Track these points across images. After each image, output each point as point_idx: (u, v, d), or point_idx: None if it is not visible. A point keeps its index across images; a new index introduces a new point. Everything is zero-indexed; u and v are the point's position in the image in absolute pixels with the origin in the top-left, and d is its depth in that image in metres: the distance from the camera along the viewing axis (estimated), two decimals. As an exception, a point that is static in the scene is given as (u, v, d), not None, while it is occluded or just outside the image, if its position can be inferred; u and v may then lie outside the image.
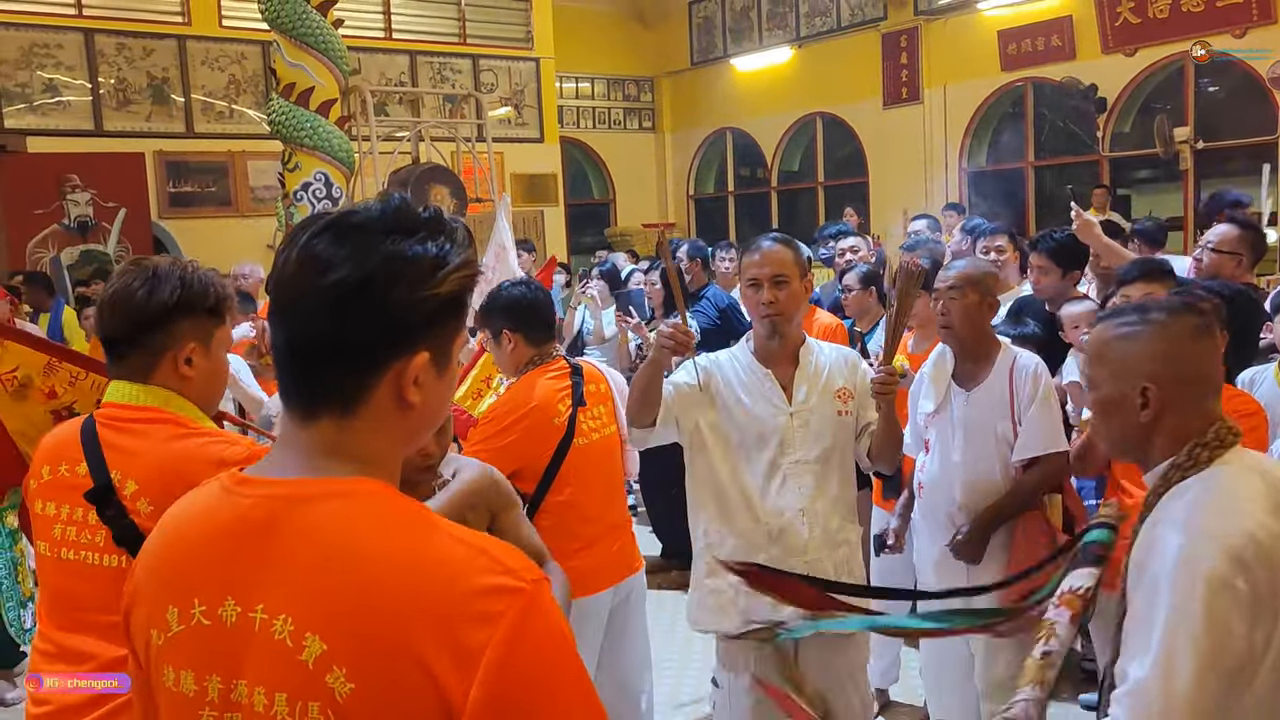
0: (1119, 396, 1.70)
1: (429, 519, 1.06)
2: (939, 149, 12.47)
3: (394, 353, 1.06)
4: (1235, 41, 9.83)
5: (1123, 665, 1.57)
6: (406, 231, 1.07)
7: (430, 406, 1.12)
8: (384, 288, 1.04)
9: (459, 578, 0.99)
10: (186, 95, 11.44)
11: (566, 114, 15.27)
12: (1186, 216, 10.46)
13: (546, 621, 1.00)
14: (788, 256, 2.79)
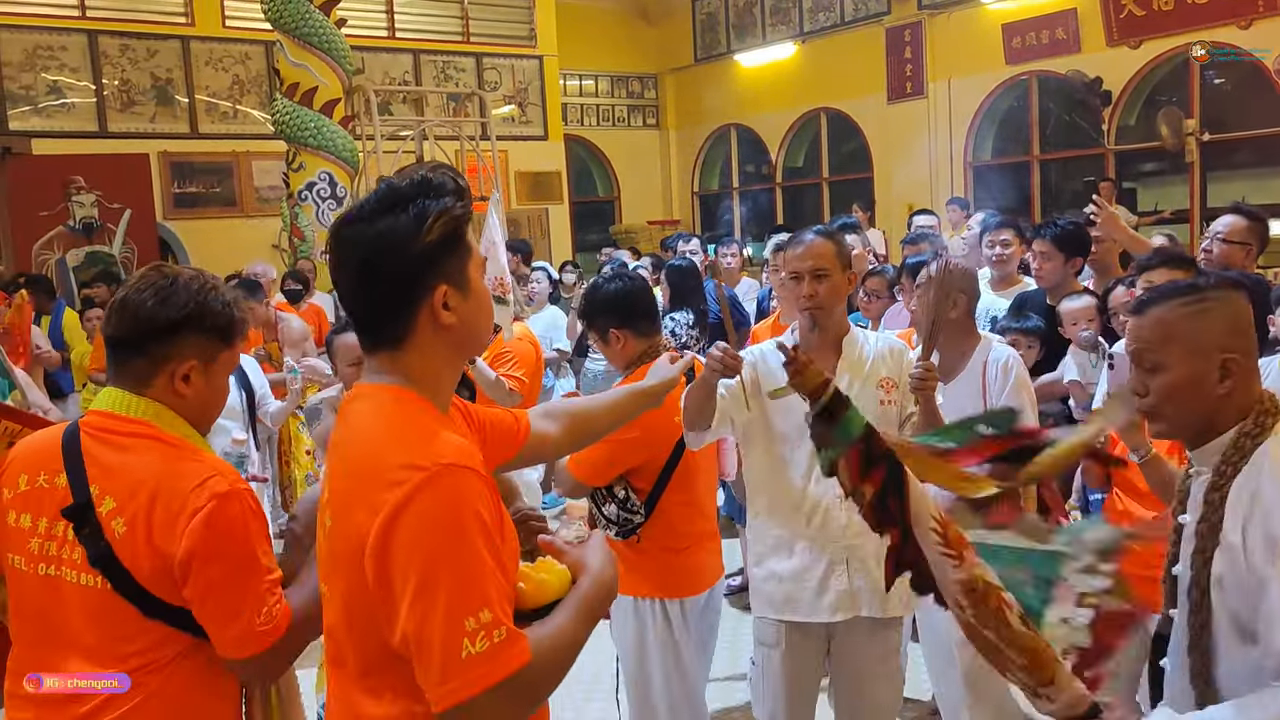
0: (1196, 373, 1.73)
1: (409, 416, 1.41)
2: (944, 143, 12.44)
3: (417, 296, 1.44)
4: (1240, 33, 9.78)
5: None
6: (389, 209, 1.42)
7: (468, 322, 1.49)
8: (383, 258, 1.42)
9: (392, 454, 1.34)
10: (190, 96, 11.46)
11: (570, 111, 15.26)
12: (1192, 209, 10.43)
13: (438, 496, 1.30)
14: (829, 249, 2.78)
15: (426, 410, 1.45)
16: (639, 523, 2.97)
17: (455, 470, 1.34)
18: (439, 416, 1.48)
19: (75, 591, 1.66)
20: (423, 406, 1.45)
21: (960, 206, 9.16)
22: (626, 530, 2.98)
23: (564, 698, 4.38)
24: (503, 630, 1.31)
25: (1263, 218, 4.02)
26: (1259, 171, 10.46)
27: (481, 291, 1.51)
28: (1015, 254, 4.78)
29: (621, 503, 2.97)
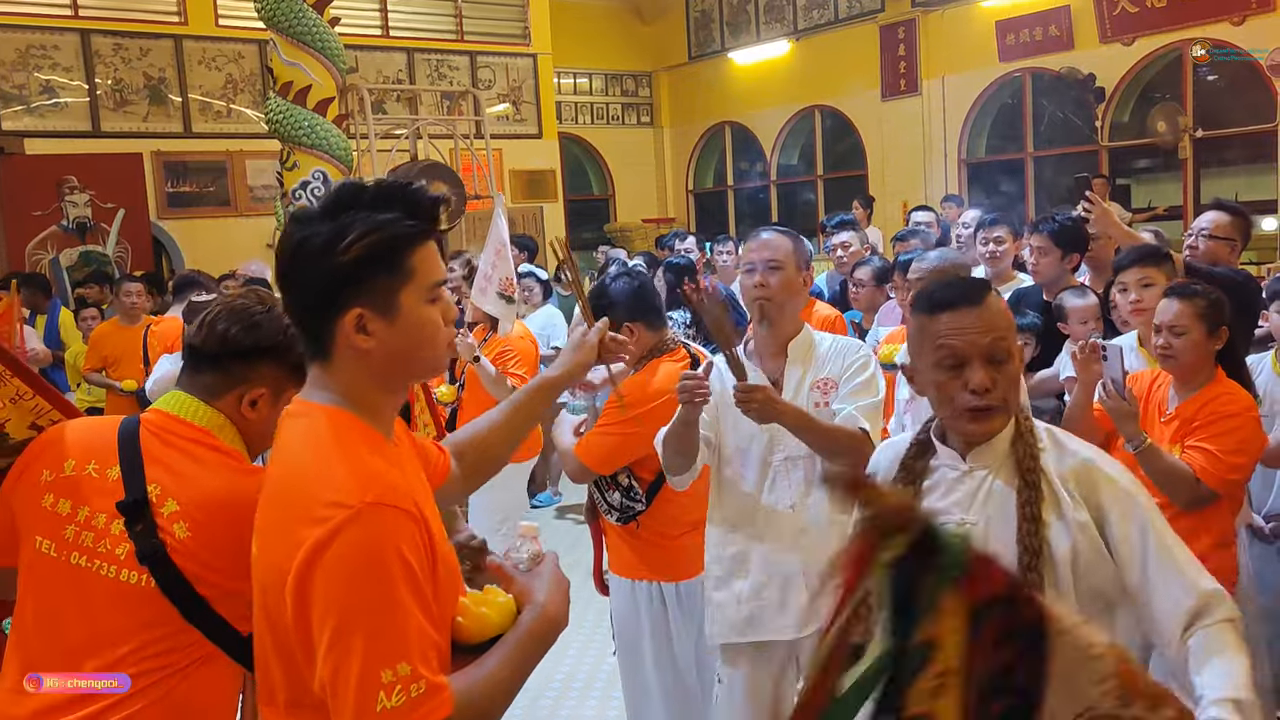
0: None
1: (340, 441, 1.34)
2: (938, 140, 12.46)
3: (330, 313, 1.36)
4: (1234, 30, 9.80)
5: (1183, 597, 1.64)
6: (326, 214, 1.36)
7: (392, 351, 1.39)
8: (298, 268, 1.37)
9: (318, 486, 1.28)
10: (184, 95, 11.43)
11: (565, 110, 15.26)
12: (1186, 206, 10.45)
13: (360, 538, 1.23)
14: (784, 245, 2.79)
15: (361, 434, 1.38)
16: (639, 510, 3.04)
17: (380, 510, 1.27)
18: (376, 441, 1.39)
19: (109, 586, 1.65)
20: (357, 429, 1.38)
21: (956, 204, 9.19)
22: (626, 517, 3.07)
23: (562, 694, 4.38)
24: (421, 684, 1.23)
25: (1245, 213, 4.06)
26: (1251, 168, 10.49)
27: (420, 321, 1.41)
28: (1009, 251, 4.78)
29: (625, 491, 3.05)
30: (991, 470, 1.78)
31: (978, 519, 1.77)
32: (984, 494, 1.78)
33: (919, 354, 1.81)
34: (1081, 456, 1.80)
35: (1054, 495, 1.75)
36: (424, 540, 1.31)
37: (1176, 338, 2.86)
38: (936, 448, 1.85)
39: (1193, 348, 2.84)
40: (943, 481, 1.82)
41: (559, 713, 4.25)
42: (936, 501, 1.80)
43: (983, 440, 1.79)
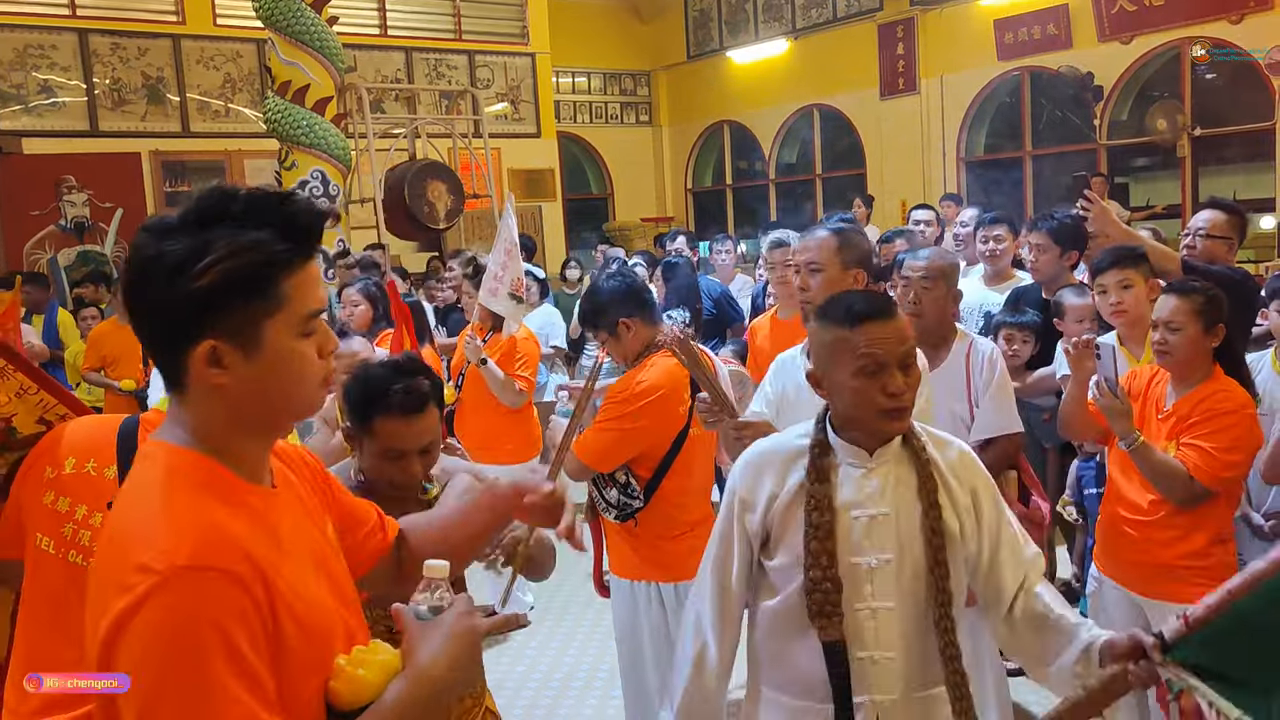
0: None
1: (170, 487, 1.17)
2: (936, 139, 12.46)
3: (179, 343, 1.19)
4: (1232, 29, 9.81)
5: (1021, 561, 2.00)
6: (189, 227, 1.17)
7: (252, 389, 1.21)
8: (145, 289, 1.19)
9: (132, 545, 1.12)
10: (182, 94, 11.43)
11: (563, 109, 15.25)
12: (1184, 204, 10.45)
13: (167, 610, 1.07)
14: (829, 245, 2.84)
15: (207, 479, 1.21)
16: (637, 508, 3.07)
17: (192, 575, 1.09)
18: (228, 488, 1.22)
19: None
20: (203, 474, 1.21)
21: (955, 203, 9.19)
22: (624, 514, 3.09)
23: (561, 691, 4.38)
24: None
25: (1240, 211, 4.07)
26: (1249, 166, 10.50)
27: (286, 356, 1.22)
28: (1009, 249, 4.79)
29: (623, 488, 3.07)
30: (891, 464, 1.96)
31: (889, 509, 1.93)
32: (890, 486, 1.95)
33: (835, 362, 1.92)
34: (958, 447, 2.06)
35: (944, 482, 1.97)
36: (258, 605, 1.13)
37: (1172, 334, 2.87)
38: (836, 447, 1.98)
39: (1187, 344, 2.86)
40: (849, 478, 1.96)
41: (557, 711, 4.25)
42: (849, 496, 1.94)
43: (893, 437, 1.97)
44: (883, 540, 1.92)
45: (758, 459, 2.06)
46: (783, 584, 1.97)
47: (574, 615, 5.32)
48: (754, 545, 2.01)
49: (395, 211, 9.80)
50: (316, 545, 1.33)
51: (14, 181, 9.48)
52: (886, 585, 1.91)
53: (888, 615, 1.91)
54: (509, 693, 4.40)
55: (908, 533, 1.92)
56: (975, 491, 2.00)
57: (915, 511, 1.93)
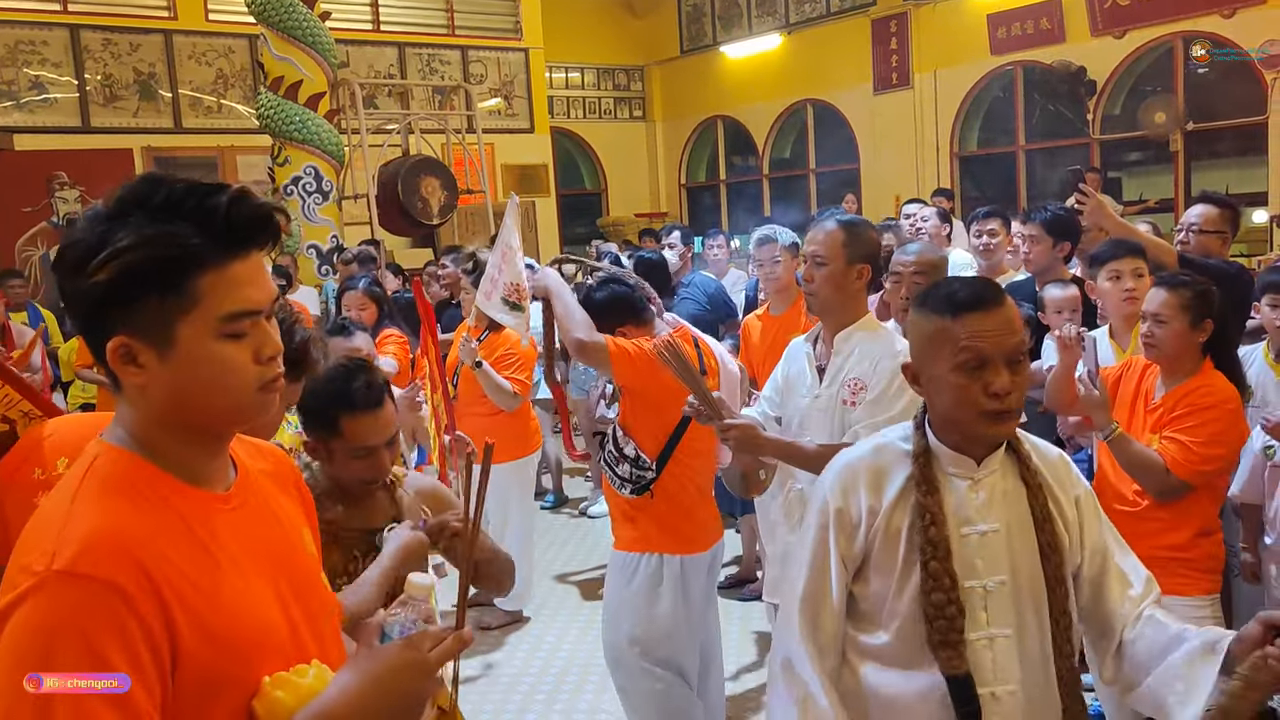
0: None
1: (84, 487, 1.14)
2: (930, 134, 12.47)
3: (95, 338, 1.15)
4: (1224, 23, 9.82)
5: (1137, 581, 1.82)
6: (104, 220, 1.13)
7: (174, 388, 1.16)
8: (59, 279, 1.15)
9: (27, 544, 1.11)
10: (174, 90, 11.39)
11: (557, 104, 15.24)
12: (1177, 199, 10.48)
13: (35, 615, 1.04)
14: (835, 239, 2.84)
15: (133, 479, 1.16)
16: (651, 478, 3.11)
17: (67, 581, 1.04)
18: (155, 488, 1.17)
19: None
20: (131, 474, 1.16)
21: (947, 198, 9.21)
22: (640, 487, 3.13)
23: (556, 689, 4.39)
24: None
25: (1233, 204, 4.08)
26: (1241, 161, 10.52)
27: (204, 358, 1.16)
28: (1002, 243, 4.80)
29: (633, 461, 3.12)
30: (998, 475, 1.80)
31: (999, 525, 1.77)
32: (999, 498, 1.78)
33: (933, 356, 1.75)
34: (1057, 454, 1.90)
35: (1052, 492, 1.81)
36: (142, 618, 1.07)
37: (1159, 326, 2.89)
38: (940, 455, 1.80)
39: (1174, 338, 2.87)
40: (954, 490, 1.78)
41: (554, 705, 4.26)
42: (956, 511, 1.76)
43: (1000, 444, 1.79)
44: (996, 560, 1.75)
45: (850, 469, 1.86)
46: (880, 614, 1.78)
47: (571, 608, 5.33)
48: (850, 568, 1.81)
49: (389, 207, 9.79)
50: (276, 554, 1.27)
51: (5, 178, 9.44)
52: (1004, 610, 1.74)
53: (1006, 644, 1.74)
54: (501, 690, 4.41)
55: (1022, 550, 1.75)
56: (1079, 502, 1.85)
57: (1028, 526, 1.76)
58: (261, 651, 1.18)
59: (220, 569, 1.17)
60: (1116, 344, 3.50)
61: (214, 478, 1.23)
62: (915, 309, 1.84)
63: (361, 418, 2.16)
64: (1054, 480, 1.83)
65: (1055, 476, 1.83)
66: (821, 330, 2.90)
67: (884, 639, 1.77)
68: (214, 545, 1.18)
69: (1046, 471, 1.83)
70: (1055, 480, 1.83)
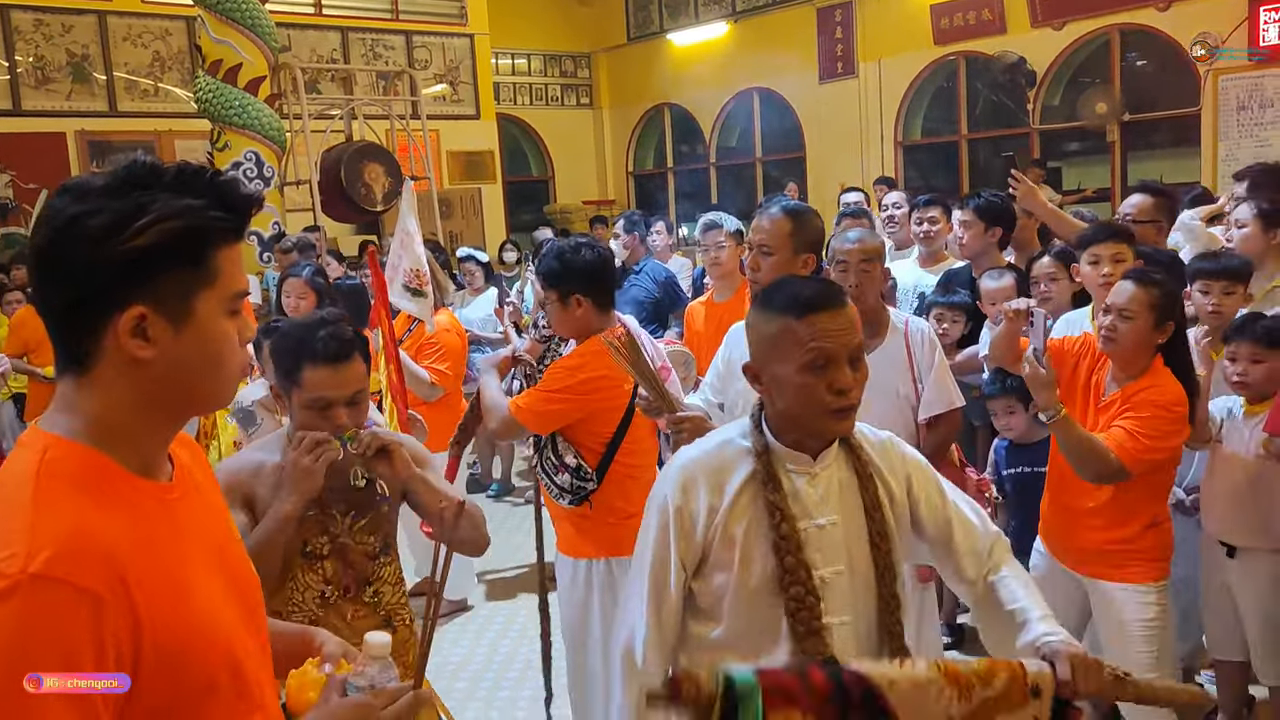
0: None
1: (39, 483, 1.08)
2: (875, 123, 12.58)
3: (102, 310, 1.11)
4: (1159, 16, 10.03)
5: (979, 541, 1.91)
6: (117, 191, 1.11)
7: (174, 366, 1.15)
8: (67, 250, 1.10)
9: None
10: (109, 73, 11.13)
11: (503, 91, 15.13)
12: (1114, 189, 10.69)
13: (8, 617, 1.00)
14: (781, 228, 2.84)
15: (86, 473, 1.12)
16: (591, 490, 3.06)
17: (43, 585, 1.01)
18: (110, 482, 1.13)
19: None
20: (85, 468, 1.12)
21: (888, 185, 9.29)
22: (579, 497, 3.08)
23: (500, 677, 4.38)
24: None
25: (1169, 193, 4.16)
26: (1176, 151, 10.75)
27: (215, 334, 1.17)
28: (943, 231, 4.86)
29: (574, 471, 3.07)
30: (833, 468, 1.84)
31: (836, 517, 1.80)
32: (835, 491, 1.82)
33: (778, 356, 1.76)
34: (880, 436, 1.94)
35: (883, 479, 1.87)
36: (114, 628, 1.05)
37: (1123, 321, 2.85)
38: (778, 452, 1.82)
39: (1135, 335, 2.84)
40: (793, 484, 1.80)
41: (498, 692, 4.25)
42: (796, 505, 1.79)
43: (836, 439, 1.83)
44: (834, 551, 1.79)
45: (689, 468, 1.86)
46: (719, 609, 1.80)
47: (523, 599, 5.32)
48: (688, 569, 1.82)
49: (332, 194, 9.66)
50: (217, 542, 1.26)
51: (-68, 162, 9.19)
52: (841, 599, 1.79)
53: (844, 630, 1.79)
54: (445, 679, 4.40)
55: (855, 540, 1.81)
56: (910, 481, 1.90)
57: (859, 516, 1.82)
58: (217, 646, 1.17)
59: (187, 564, 1.16)
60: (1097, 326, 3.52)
61: (159, 468, 1.22)
62: (757, 309, 1.85)
63: (321, 369, 2.13)
64: (885, 466, 1.88)
65: (886, 462, 1.89)
66: None
67: (718, 633, 1.80)
68: (176, 540, 1.17)
69: (877, 458, 1.88)
70: (886, 465, 1.89)
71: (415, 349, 4.79)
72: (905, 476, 1.90)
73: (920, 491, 1.91)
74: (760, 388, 1.84)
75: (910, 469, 1.92)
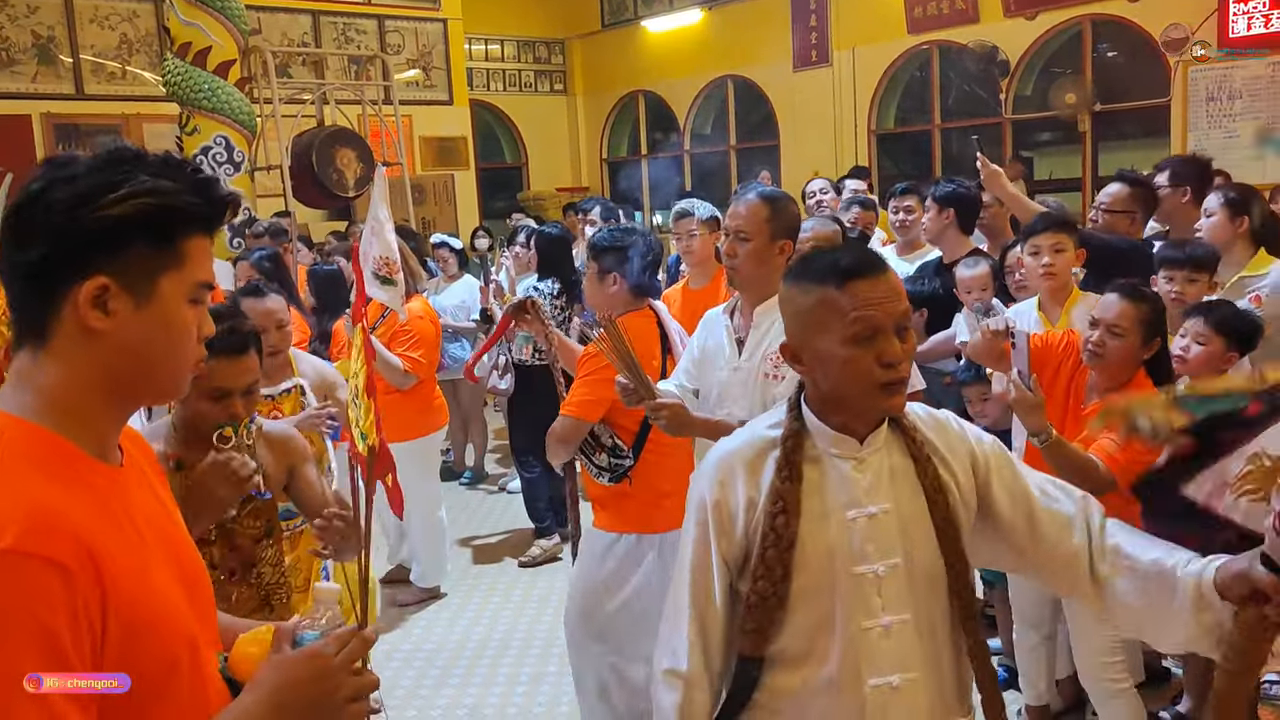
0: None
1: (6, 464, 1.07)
2: (849, 111, 12.59)
3: (65, 275, 1.12)
4: (1130, 7, 10.08)
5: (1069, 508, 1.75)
6: (92, 171, 1.14)
7: (131, 341, 1.15)
8: (42, 208, 1.12)
9: None
10: (75, 55, 10.94)
11: (476, 76, 15.02)
12: (1085, 178, 10.76)
13: None
14: (758, 214, 2.83)
15: (40, 451, 1.11)
16: (629, 466, 3.14)
17: (15, 560, 1.01)
18: (64, 461, 1.13)
19: None
20: (37, 445, 1.12)
21: (862, 176, 9.32)
22: (618, 475, 3.15)
23: (475, 661, 4.38)
24: None
25: (1146, 182, 4.17)
26: (1146, 142, 10.83)
27: (174, 320, 1.18)
28: (918, 219, 4.89)
29: (611, 450, 3.15)
30: (883, 452, 1.69)
31: (889, 505, 1.66)
32: (887, 477, 1.68)
33: (819, 330, 1.63)
34: (938, 415, 1.80)
35: (944, 461, 1.71)
36: (86, 602, 1.05)
37: (1113, 338, 2.81)
38: (817, 434, 1.69)
39: (1124, 352, 2.80)
40: (837, 473, 1.67)
41: (473, 677, 4.25)
42: (841, 494, 1.66)
43: (887, 418, 1.69)
44: (888, 542, 1.65)
45: (726, 460, 1.74)
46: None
47: (503, 588, 5.31)
48: (734, 569, 1.69)
49: (303, 179, 9.56)
50: (165, 529, 1.26)
51: (-107, 144, 9.01)
52: (900, 594, 1.64)
53: (903, 629, 1.64)
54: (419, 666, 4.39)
55: (915, 529, 1.66)
56: (973, 457, 1.74)
57: (920, 503, 1.66)
58: (178, 626, 1.18)
59: (146, 547, 1.17)
60: (1045, 316, 3.54)
61: (112, 453, 1.22)
62: (791, 282, 1.72)
63: (220, 360, 2.22)
64: (944, 446, 1.73)
65: (944, 441, 1.73)
66: (740, 302, 2.90)
67: (781, 640, 1.66)
68: (132, 522, 1.17)
69: (935, 439, 1.73)
70: (945, 445, 1.73)
71: (389, 336, 4.76)
72: (968, 454, 1.73)
73: (990, 469, 1.73)
74: (801, 368, 1.70)
75: (974, 446, 1.75)
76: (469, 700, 4.09)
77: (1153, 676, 3.73)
